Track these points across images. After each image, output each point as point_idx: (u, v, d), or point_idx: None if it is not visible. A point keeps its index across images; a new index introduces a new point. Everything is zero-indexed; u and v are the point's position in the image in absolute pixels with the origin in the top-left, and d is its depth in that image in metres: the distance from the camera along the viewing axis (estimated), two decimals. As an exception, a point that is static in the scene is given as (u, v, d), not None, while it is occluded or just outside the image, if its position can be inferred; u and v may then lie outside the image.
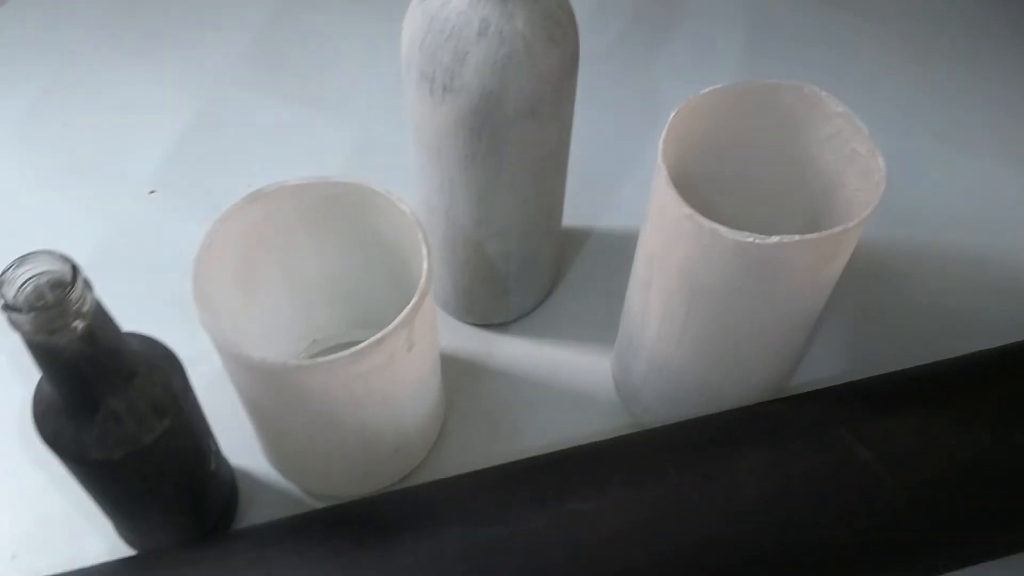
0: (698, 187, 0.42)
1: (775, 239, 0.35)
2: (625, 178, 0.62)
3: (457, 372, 0.53)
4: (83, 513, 0.47)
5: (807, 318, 0.42)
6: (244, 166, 0.60)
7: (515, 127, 0.41)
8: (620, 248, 0.54)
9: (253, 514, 0.48)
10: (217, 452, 0.44)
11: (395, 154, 0.45)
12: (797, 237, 0.35)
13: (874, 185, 0.37)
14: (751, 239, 0.35)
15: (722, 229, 0.36)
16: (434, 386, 0.47)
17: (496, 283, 0.51)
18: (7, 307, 0.31)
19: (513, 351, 0.54)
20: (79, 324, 0.32)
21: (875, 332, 0.55)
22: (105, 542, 0.46)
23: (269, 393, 0.40)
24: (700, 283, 0.39)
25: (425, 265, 0.40)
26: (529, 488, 0.40)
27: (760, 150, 0.43)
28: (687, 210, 0.36)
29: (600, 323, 0.54)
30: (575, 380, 0.53)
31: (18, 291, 0.31)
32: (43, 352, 0.32)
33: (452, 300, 0.54)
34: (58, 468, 0.45)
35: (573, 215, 0.59)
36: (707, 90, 0.39)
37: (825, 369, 0.53)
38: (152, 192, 0.61)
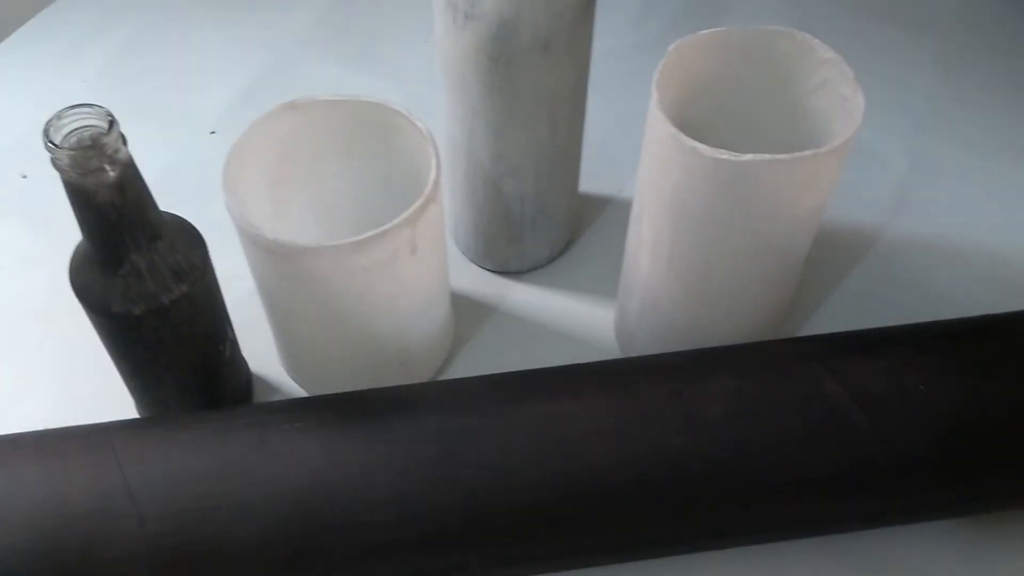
0: (697, 136, 0.44)
1: (748, 156, 0.37)
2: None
3: (469, 312, 0.56)
4: (110, 395, 0.51)
5: (789, 255, 0.44)
6: (298, 116, 0.65)
7: (530, 59, 0.45)
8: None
9: (263, 413, 0.51)
10: (233, 343, 0.48)
11: (435, 122, 0.49)
12: (769, 156, 0.37)
13: (853, 122, 0.39)
14: (725, 156, 0.38)
15: (700, 147, 0.38)
16: (441, 306, 0.50)
17: (512, 227, 0.54)
18: (51, 145, 0.35)
19: (525, 298, 0.57)
20: (111, 171, 0.36)
21: (883, 316, 0.56)
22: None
23: (280, 278, 0.44)
24: (685, 209, 0.41)
25: (432, 174, 0.43)
26: (507, 391, 0.43)
27: (757, 100, 0.45)
28: (672, 130, 0.39)
29: (610, 283, 0.57)
30: (580, 331, 0.56)
31: (64, 138, 0.36)
32: (78, 195, 0.37)
33: (472, 244, 0.57)
34: (89, 353, 0.50)
35: (595, 183, 0.62)
36: (706, 32, 0.42)
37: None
38: (212, 133, 0.66)
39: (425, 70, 0.70)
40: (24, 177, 0.63)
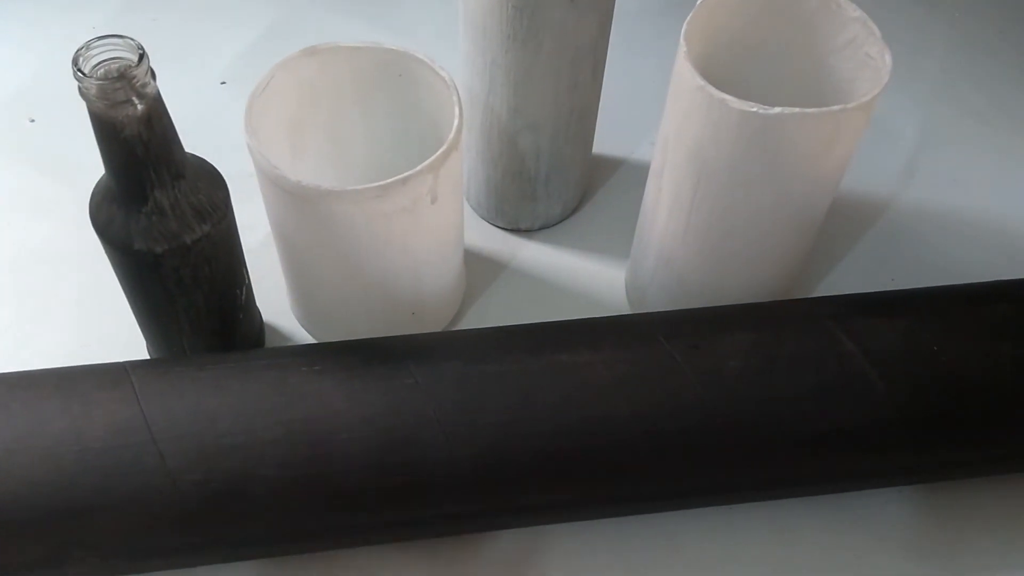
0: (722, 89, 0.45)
1: (777, 110, 0.38)
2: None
3: (481, 268, 0.57)
4: (120, 339, 0.51)
5: (808, 213, 0.44)
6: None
7: (555, 10, 0.44)
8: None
9: (275, 361, 0.51)
10: (249, 288, 0.48)
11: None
12: (797, 110, 0.38)
13: (880, 80, 0.39)
14: (755, 109, 0.38)
15: (730, 99, 0.38)
16: (455, 258, 0.50)
17: (526, 183, 0.54)
18: (79, 75, 0.35)
19: (535, 256, 0.57)
20: (139, 104, 0.36)
21: (892, 282, 0.57)
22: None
23: (299, 222, 0.44)
24: (707, 163, 0.41)
25: (456, 122, 0.43)
26: (527, 341, 0.43)
27: (780, 58, 0.45)
28: (700, 82, 0.39)
29: (621, 244, 0.57)
30: (590, 289, 0.56)
31: (93, 68, 0.36)
32: (105, 127, 0.36)
33: (484, 200, 0.57)
34: (99, 296, 0.50)
35: (607, 145, 0.62)
36: (734, -14, 0.42)
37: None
38: (223, 84, 0.65)
39: (438, 27, 0.70)
40: (32, 121, 0.63)
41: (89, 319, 0.53)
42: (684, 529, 0.46)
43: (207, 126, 0.62)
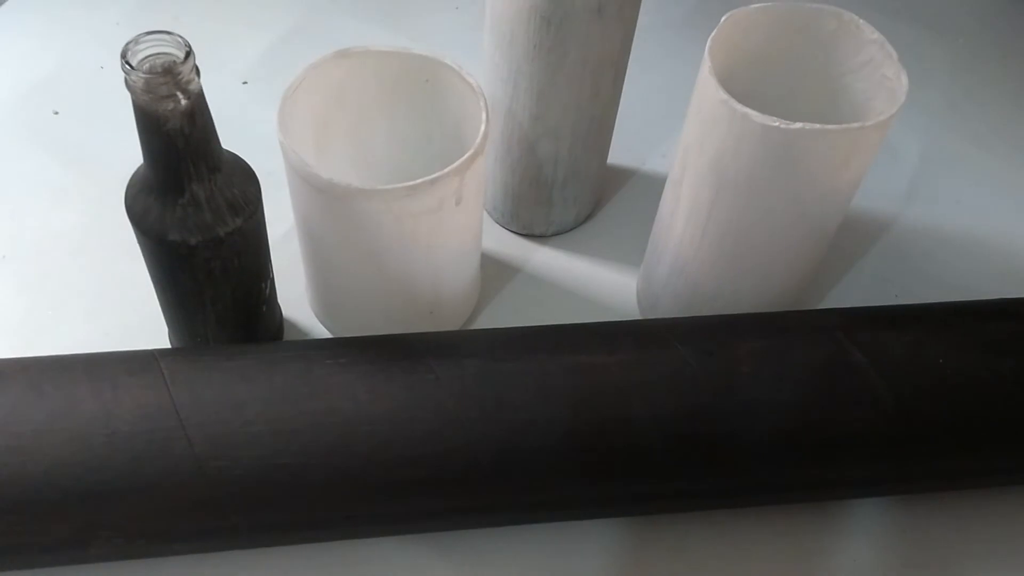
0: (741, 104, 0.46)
1: (798, 125, 0.39)
2: (675, 130, 0.66)
3: (494, 272, 0.58)
4: (139, 328, 0.52)
5: (822, 227, 0.46)
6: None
7: (582, 21, 0.46)
8: (661, 191, 0.59)
9: (293, 355, 0.52)
10: (272, 283, 0.49)
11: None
12: (818, 126, 0.39)
13: (896, 100, 0.41)
14: (776, 123, 0.39)
15: (752, 113, 0.40)
16: (474, 259, 0.51)
17: (542, 189, 0.55)
18: (127, 67, 0.36)
19: (548, 261, 0.59)
20: (183, 99, 0.37)
21: (893, 297, 0.58)
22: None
23: (328, 219, 0.45)
24: (727, 174, 0.43)
25: (483, 127, 0.44)
26: (545, 341, 0.44)
27: (797, 76, 0.47)
28: (723, 95, 0.40)
29: (633, 252, 0.58)
30: (602, 295, 0.57)
31: (139, 61, 0.37)
32: (149, 119, 0.38)
33: (500, 204, 0.58)
34: (119, 286, 0.51)
35: (620, 155, 0.64)
36: (757, 5, 0.44)
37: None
38: (245, 83, 0.66)
39: (454, 35, 0.71)
40: (56, 113, 0.63)
41: (109, 308, 0.54)
42: (692, 531, 0.48)
43: (229, 124, 0.63)
